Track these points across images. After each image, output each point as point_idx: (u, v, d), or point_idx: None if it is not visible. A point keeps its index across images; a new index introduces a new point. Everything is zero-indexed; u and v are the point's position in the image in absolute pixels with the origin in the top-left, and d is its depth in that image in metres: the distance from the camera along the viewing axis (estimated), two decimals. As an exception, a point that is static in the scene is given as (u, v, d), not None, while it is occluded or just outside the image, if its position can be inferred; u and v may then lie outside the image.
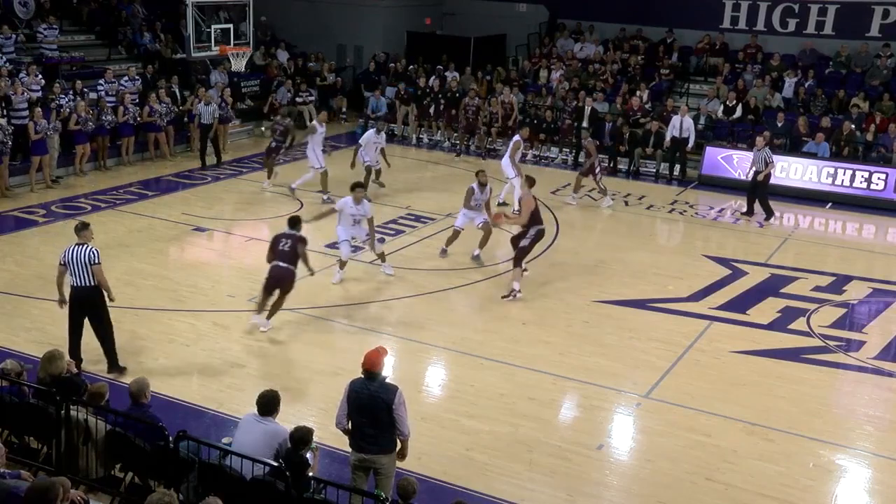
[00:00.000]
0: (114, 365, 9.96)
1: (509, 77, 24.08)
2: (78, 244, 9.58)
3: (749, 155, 18.11)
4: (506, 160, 17.04)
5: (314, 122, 17.78)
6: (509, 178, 16.95)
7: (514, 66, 24.89)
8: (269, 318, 11.29)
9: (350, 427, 7.24)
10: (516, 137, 17.23)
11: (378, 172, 17.64)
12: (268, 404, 7.21)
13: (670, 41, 24.30)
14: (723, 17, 24.18)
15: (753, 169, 17.37)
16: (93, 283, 9.58)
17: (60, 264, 9.64)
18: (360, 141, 17.48)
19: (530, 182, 12.99)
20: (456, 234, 14.17)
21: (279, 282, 11.06)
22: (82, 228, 9.73)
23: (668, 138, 19.98)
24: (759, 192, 17.33)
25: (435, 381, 10.67)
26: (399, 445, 7.30)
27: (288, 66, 24.99)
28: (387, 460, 7.24)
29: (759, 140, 17.34)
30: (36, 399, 7.57)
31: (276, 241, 11.21)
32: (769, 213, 17.26)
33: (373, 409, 7.07)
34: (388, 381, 7.20)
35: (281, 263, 11.00)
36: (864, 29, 22.95)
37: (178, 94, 20.63)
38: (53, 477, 5.93)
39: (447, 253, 14.25)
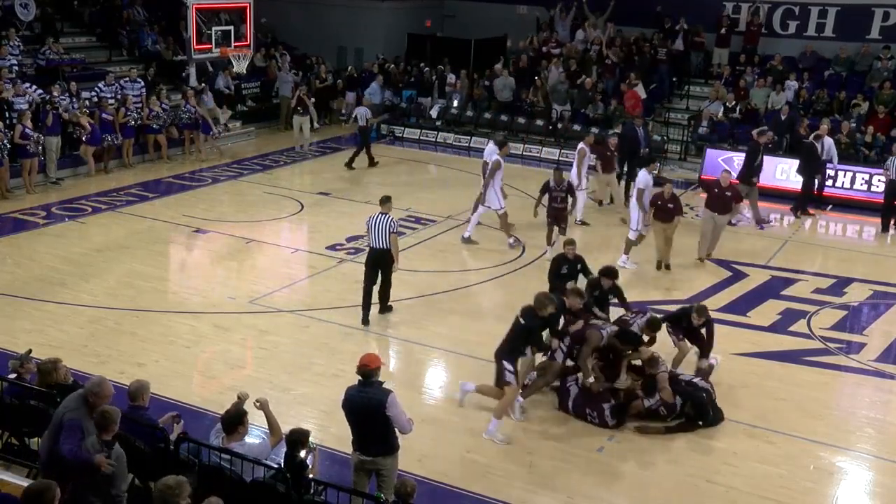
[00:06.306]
0: (385, 307, 11.87)
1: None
2: (381, 213, 11.38)
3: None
4: (573, 171, 16.05)
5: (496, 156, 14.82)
6: (581, 189, 16.03)
7: (513, 66, 24.79)
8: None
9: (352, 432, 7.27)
10: (580, 146, 16.30)
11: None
12: (230, 423, 7.02)
13: (668, 26, 24.08)
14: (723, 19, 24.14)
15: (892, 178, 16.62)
16: (387, 247, 11.30)
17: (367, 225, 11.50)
18: (486, 159, 15.02)
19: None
20: None
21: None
22: (386, 200, 11.53)
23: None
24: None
25: (435, 382, 10.65)
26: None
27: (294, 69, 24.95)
28: (388, 462, 7.25)
29: None
30: (36, 400, 7.56)
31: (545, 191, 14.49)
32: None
33: (367, 414, 7.11)
34: (383, 385, 7.20)
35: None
36: (865, 31, 22.98)
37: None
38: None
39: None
